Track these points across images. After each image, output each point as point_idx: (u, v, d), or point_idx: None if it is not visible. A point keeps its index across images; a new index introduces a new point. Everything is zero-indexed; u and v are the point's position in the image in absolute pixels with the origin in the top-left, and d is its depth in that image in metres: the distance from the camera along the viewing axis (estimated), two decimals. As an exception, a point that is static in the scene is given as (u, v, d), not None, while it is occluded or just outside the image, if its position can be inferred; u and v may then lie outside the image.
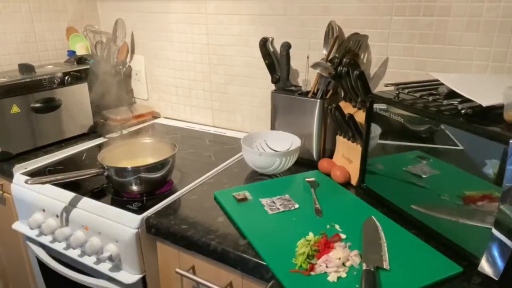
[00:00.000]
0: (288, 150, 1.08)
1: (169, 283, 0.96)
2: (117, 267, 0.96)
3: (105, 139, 1.39)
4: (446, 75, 0.92)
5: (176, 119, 1.64)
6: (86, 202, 0.99)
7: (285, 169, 1.10)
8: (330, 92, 1.13)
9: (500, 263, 0.67)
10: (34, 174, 1.14)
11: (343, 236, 0.80)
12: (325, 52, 1.13)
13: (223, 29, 1.38)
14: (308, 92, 1.14)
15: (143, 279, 0.96)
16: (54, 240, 1.05)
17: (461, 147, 0.72)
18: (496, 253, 0.67)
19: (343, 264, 0.72)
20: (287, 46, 1.16)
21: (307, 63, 1.18)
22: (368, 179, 0.98)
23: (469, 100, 0.74)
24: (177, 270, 0.88)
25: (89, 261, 0.98)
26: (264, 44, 1.18)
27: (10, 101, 1.19)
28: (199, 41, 1.45)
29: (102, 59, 1.55)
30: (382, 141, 0.92)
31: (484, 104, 0.71)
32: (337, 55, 1.07)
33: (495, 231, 0.66)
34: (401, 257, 0.74)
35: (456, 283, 0.69)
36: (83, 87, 1.39)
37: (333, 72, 1.05)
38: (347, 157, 1.08)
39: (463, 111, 0.72)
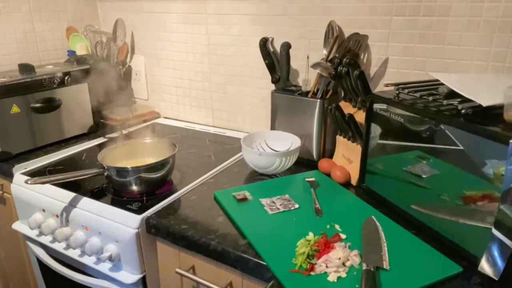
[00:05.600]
0: (288, 150, 1.08)
1: (169, 283, 0.96)
2: (117, 267, 0.96)
3: (105, 139, 1.39)
4: (446, 75, 0.92)
5: (176, 119, 1.64)
6: (86, 202, 0.99)
7: (285, 169, 1.10)
8: (330, 92, 1.13)
9: (500, 263, 0.67)
10: (34, 174, 1.14)
11: (343, 236, 0.80)
12: (325, 52, 1.13)
13: (223, 29, 1.38)
14: (308, 92, 1.14)
15: (143, 279, 0.96)
16: (54, 240, 1.05)
17: (461, 147, 0.72)
18: (496, 253, 0.67)
19: (343, 264, 0.72)
20: (287, 46, 1.16)
21: (307, 63, 1.18)
22: (368, 179, 0.98)
23: (469, 100, 0.74)
24: (177, 270, 0.88)
25: (89, 261, 0.98)
26: (264, 44, 1.18)
27: (10, 101, 1.19)
28: (199, 41, 1.45)
29: (102, 59, 1.55)
30: (382, 141, 0.92)
31: (484, 104, 0.71)
32: (337, 55, 1.07)
33: (495, 231, 0.66)
34: (401, 257, 0.74)
35: (456, 283, 0.69)
36: (83, 87, 1.39)
37: (333, 72, 1.05)
38: (347, 157, 1.08)
39: (463, 111, 0.72)
